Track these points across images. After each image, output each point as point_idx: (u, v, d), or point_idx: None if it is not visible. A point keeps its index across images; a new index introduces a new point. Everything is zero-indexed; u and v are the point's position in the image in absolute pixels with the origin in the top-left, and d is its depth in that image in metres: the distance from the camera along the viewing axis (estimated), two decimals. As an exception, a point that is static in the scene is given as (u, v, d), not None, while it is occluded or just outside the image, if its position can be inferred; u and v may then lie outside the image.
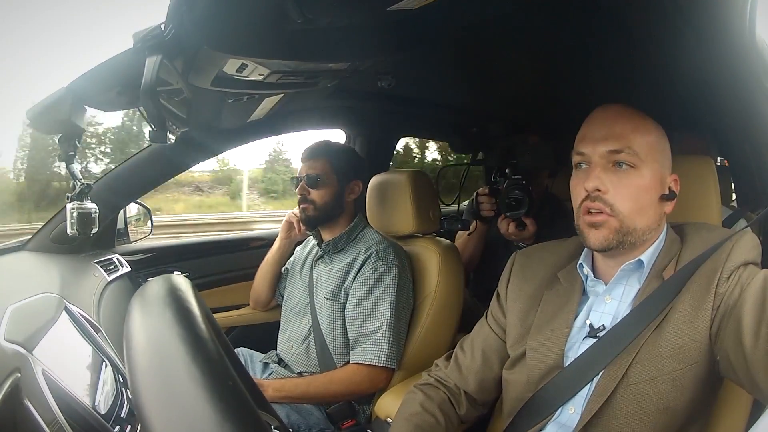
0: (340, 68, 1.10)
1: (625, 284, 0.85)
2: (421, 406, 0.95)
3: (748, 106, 0.90)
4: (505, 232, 1.52)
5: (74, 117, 1.04)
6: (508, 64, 1.47)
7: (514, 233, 1.50)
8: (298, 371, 1.45)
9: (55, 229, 1.46)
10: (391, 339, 1.32)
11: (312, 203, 1.45)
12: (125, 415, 0.83)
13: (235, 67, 0.88)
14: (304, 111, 1.81)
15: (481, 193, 1.63)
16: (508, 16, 1.06)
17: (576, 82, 1.54)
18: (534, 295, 0.94)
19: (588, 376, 0.81)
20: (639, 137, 0.81)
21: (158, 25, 0.76)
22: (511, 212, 1.49)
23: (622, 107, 0.85)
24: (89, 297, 1.22)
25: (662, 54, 1.12)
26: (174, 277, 0.53)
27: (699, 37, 0.88)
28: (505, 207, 1.49)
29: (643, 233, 0.82)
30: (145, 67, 0.77)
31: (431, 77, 1.64)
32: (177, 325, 0.42)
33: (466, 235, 1.75)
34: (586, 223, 0.83)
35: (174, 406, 0.35)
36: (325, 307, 1.43)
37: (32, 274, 1.27)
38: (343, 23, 0.88)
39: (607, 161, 0.82)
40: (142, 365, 0.38)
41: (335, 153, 1.49)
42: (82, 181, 1.23)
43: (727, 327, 0.72)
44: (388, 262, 1.37)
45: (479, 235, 1.74)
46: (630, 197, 0.80)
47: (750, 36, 0.79)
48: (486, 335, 1.00)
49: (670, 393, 0.76)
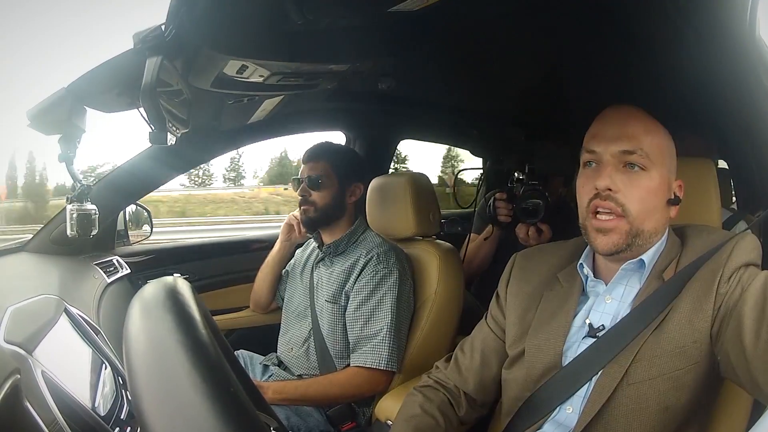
0: (340, 70, 1.10)
1: (626, 284, 0.85)
2: (421, 408, 0.95)
3: (749, 106, 0.90)
4: (524, 237, 1.52)
5: (74, 117, 1.04)
6: (508, 65, 1.47)
7: (533, 238, 1.50)
8: (298, 374, 1.45)
9: (54, 230, 1.46)
10: (391, 342, 1.31)
11: (313, 205, 1.45)
12: (125, 416, 0.83)
13: (236, 69, 0.89)
14: (304, 113, 1.81)
15: (499, 198, 1.62)
16: (507, 17, 1.07)
17: (576, 84, 1.54)
18: (533, 295, 0.94)
19: (586, 376, 0.81)
20: (650, 139, 0.81)
21: (158, 26, 0.76)
22: (528, 218, 1.49)
23: (633, 108, 0.85)
24: (89, 298, 1.22)
25: (663, 54, 1.12)
26: (173, 279, 0.53)
27: (700, 37, 0.88)
28: (522, 213, 1.50)
29: (650, 236, 0.82)
30: (146, 68, 0.77)
31: (432, 79, 1.64)
32: (176, 328, 0.42)
33: (483, 239, 1.75)
34: (594, 227, 0.82)
35: (174, 410, 0.35)
36: (325, 309, 1.43)
37: (32, 276, 1.27)
38: (343, 25, 0.88)
39: (618, 161, 0.81)
40: (141, 369, 0.38)
41: (336, 154, 1.49)
42: (82, 183, 1.23)
43: (728, 327, 0.72)
44: (389, 266, 1.37)
45: (494, 240, 1.74)
46: (640, 199, 0.80)
47: (750, 36, 0.79)
48: (485, 336, 1.00)
49: (670, 393, 0.76)
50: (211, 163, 18.42)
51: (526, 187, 1.51)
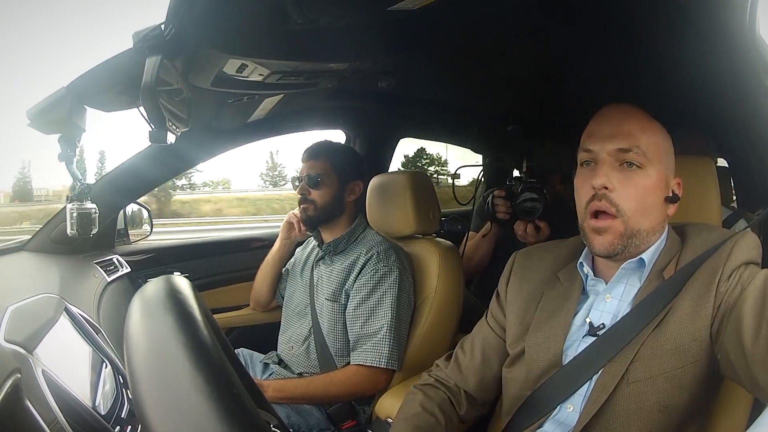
0: (340, 68, 1.10)
1: (626, 283, 0.85)
2: (421, 406, 0.95)
3: (749, 105, 0.90)
4: (522, 234, 1.53)
5: (74, 117, 1.04)
6: (507, 64, 1.47)
7: (531, 235, 1.51)
8: (298, 372, 1.45)
9: (55, 229, 1.46)
10: (391, 341, 1.31)
11: (312, 203, 1.45)
12: (125, 415, 0.83)
13: (235, 68, 0.89)
14: (304, 111, 1.81)
15: (497, 196, 1.63)
16: (507, 16, 1.06)
17: (575, 82, 1.54)
18: (533, 294, 0.94)
19: (587, 375, 0.81)
20: (647, 137, 0.81)
21: (158, 25, 0.76)
22: (526, 215, 1.50)
23: (630, 106, 0.85)
24: (89, 297, 1.22)
25: (663, 54, 1.12)
26: (174, 277, 0.53)
27: (700, 37, 0.88)
28: (521, 210, 1.50)
29: (647, 234, 0.82)
30: (145, 67, 0.77)
31: (431, 77, 1.64)
32: (177, 327, 0.42)
33: (482, 236, 1.75)
34: (591, 228, 0.83)
35: (175, 411, 0.35)
36: (325, 308, 1.43)
37: (32, 275, 1.27)
38: (343, 24, 0.88)
39: (614, 159, 0.81)
40: (143, 369, 0.38)
41: (335, 153, 1.49)
42: (82, 182, 1.23)
43: (728, 326, 0.72)
44: (389, 264, 1.37)
45: (493, 237, 1.75)
46: (636, 197, 0.80)
47: (750, 35, 0.79)
48: (486, 334, 1.00)
49: (670, 391, 0.76)
50: (283, 165, 18.94)
51: (525, 185, 1.52)
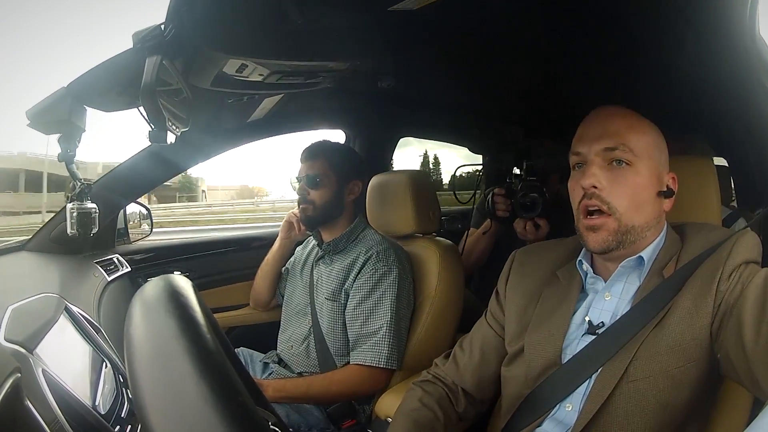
0: (340, 68, 1.10)
1: (625, 281, 0.85)
2: (420, 402, 0.95)
3: (749, 105, 0.91)
4: (522, 232, 1.53)
5: (74, 117, 1.04)
6: (507, 64, 1.47)
7: (530, 233, 1.51)
8: (298, 371, 1.45)
9: (55, 229, 1.46)
10: (391, 340, 1.31)
11: (312, 203, 1.45)
12: (125, 415, 0.83)
13: (235, 68, 0.89)
14: (303, 111, 1.81)
15: (497, 194, 1.63)
16: (507, 16, 1.06)
17: (575, 83, 1.54)
18: (533, 292, 0.94)
19: (586, 373, 0.81)
20: (634, 135, 0.82)
21: (158, 25, 0.76)
22: (526, 213, 1.50)
23: (617, 107, 0.86)
24: (89, 297, 1.22)
25: (663, 54, 1.12)
26: (174, 277, 0.53)
27: (699, 37, 0.89)
28: (521, 208, 1.51)
29: (642, 230, 0.83)
30: (145, 67, 0.77)
31: (431, 77, 1.64)
32: (177, 327, 0.42)
33: (482, 233, 1.76)
34: (585, 226, 0.84)
35: (176, 412, 0.35)
36: (325, 307, 1.43)
37: (32, 274, 1.27)
38: (343, 23, 0.88)
39: (603, 159, 0.83)
40: (143, 369, 0.38)
41: (334, 153, 1.49)
42: (82, 181, 1.23)
43: (728, 325, 0.72)
44: (389, 263, 1.37)
45: (492, 235, 1.76)
46: (626, 194, 0.81)
47: (750, 36, 0.79)
48: (485, 333, 1.00)
49: (670, 390, 0.76)
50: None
51: (524, 183, 1.52)
